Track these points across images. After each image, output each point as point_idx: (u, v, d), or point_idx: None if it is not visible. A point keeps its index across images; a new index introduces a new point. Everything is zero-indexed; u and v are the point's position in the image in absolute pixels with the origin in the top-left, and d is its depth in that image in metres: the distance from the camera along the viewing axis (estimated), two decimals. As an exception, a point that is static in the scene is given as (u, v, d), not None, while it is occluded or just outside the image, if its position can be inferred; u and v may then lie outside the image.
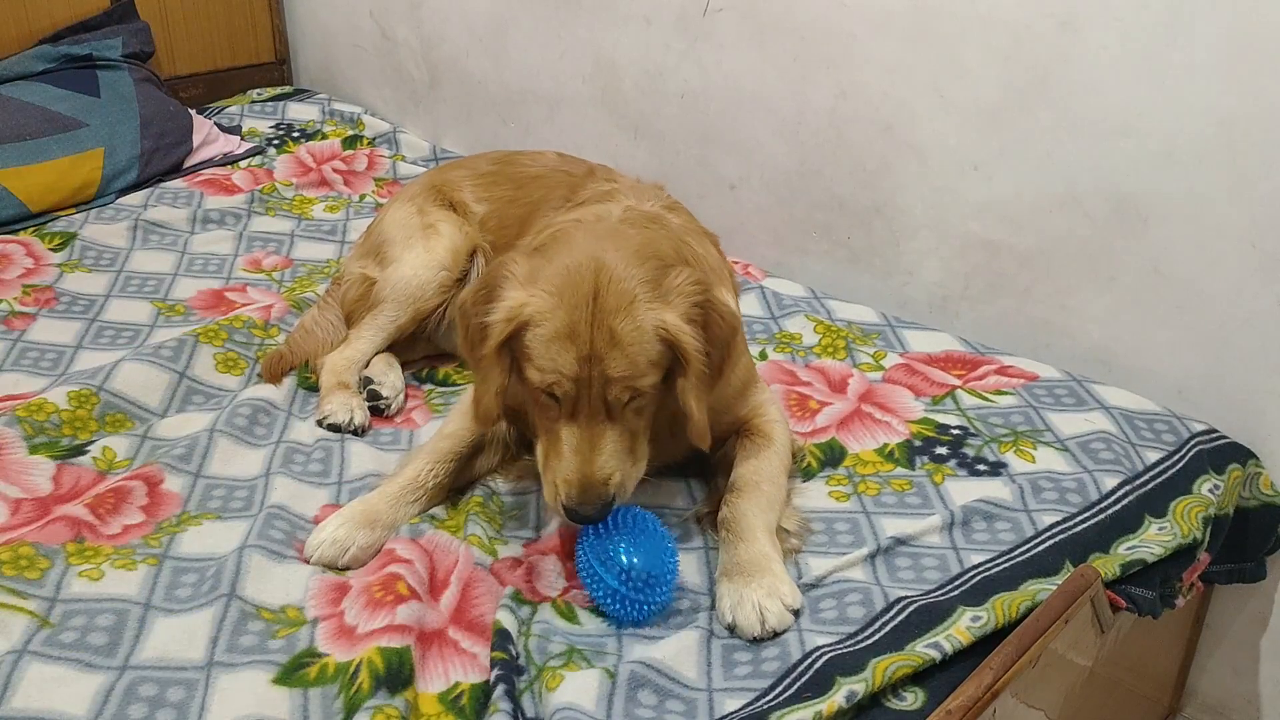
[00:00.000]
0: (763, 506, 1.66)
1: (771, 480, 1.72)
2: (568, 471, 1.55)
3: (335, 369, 2.07)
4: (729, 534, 1.63)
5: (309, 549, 1.62)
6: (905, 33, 2.23)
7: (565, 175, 2.15)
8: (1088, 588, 1.47)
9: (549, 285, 1.56)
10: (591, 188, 2.04)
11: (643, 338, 1.54)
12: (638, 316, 1.54)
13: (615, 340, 1.53)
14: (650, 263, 1.59)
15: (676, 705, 1.39)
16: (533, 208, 2.12)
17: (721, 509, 1.68)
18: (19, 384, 2.06)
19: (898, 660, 1.38)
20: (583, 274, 1.55)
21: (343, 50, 3.54)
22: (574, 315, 1.53)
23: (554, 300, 1.55)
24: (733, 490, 1.70)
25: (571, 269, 1.56)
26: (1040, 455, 1.84)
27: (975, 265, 2.28)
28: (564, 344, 1.54)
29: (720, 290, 1.71)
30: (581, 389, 1.54)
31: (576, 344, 1.53)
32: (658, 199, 1.93)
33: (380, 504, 1.68)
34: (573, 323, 1.53)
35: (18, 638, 1.44)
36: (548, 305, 1.55)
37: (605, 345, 1.53)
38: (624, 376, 1.53)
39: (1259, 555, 1.95)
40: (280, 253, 2.67)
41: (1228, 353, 1.97)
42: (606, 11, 2.74)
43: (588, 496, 1.54)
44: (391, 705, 1.34)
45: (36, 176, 2.73)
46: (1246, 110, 1.84)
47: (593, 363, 1.53)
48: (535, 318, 1.55)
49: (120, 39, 3.09)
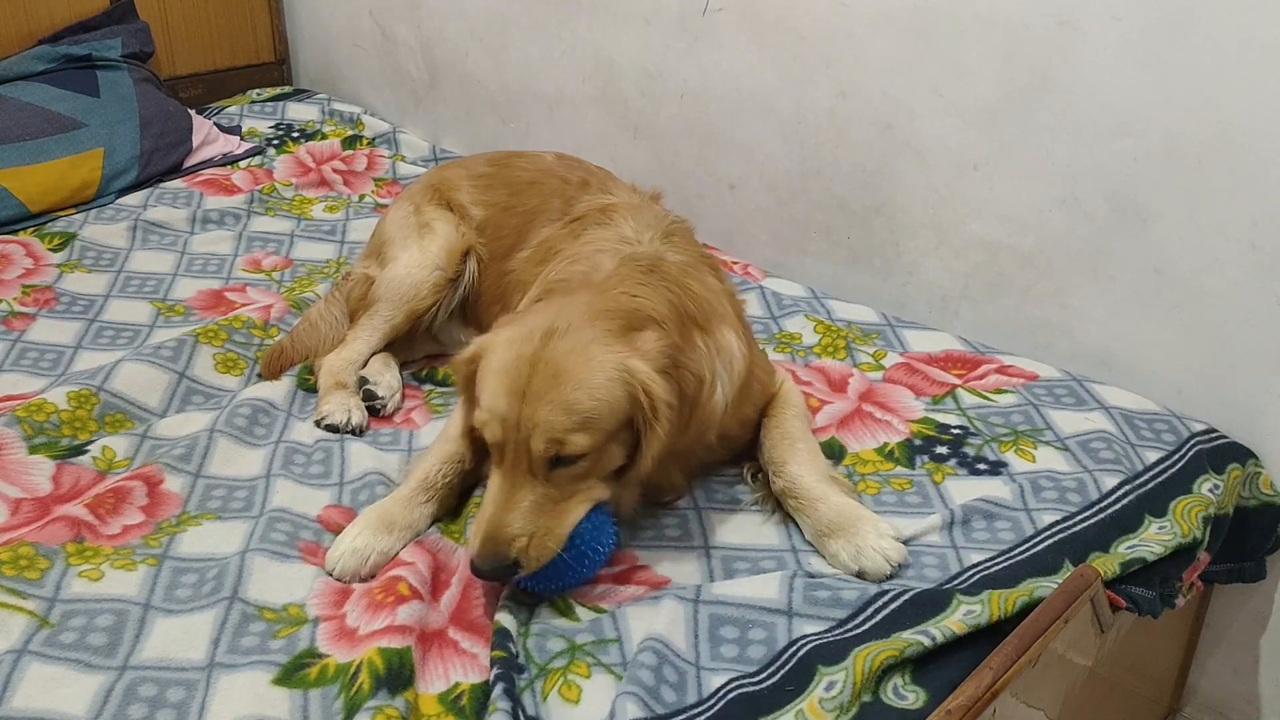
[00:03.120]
0: (810, 464, 1.73)
1: (803, 436, 1.78)
2: (477, 524, 1.49)
3: (332, 369, 2.08)
4: (797, 501, 1.68)
5: (330, 563, 1.60)
6: (905, 33, 2.23)
7: (561, 183, 2.13)
8: (1088, 587, 1.47)
9: (511, 330, 1.53)
10: (588, 200, 2.01)
11: (591, 382, 1.46)
12: (594, 355, 1.47)
13: (558, 379, 1.45)
14: (617, 320, 1.53)
15: (670, 673, 1.41)
16: (529, 217, 2.10)
17: (773, 481, 1.72)
18: (19, 384, 2.06)
19: (880, 647, 1.38)
20: (544, 319, 1.51)
21: (342, 50, 3.54)
22: (520, 350, 1.48)
23: (507, 338, 1.51)
24: (774, 461, 1.74)
25: (536, 317, 1.54)
26: (1040, 454, 1.84)
27: (975, 265, 2.28)
28: (500, 378, 1.47)
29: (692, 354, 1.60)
30: (509, 433, 1.46)
31: (513, 379, 1.46)
32: (657, 222, 1.86)
33: (394, 508, 1.67)
34: (517, 357, 1.47)
35: (17, 638, 1.44)
36: (499, 342, 1.52)
37: (544, 383, 1.45)
38: (552, 424, 1.44)
39: (1259, 555, 1.95)
40: (280, 253, 2.67)
41: (1227, 353, 1.97)
42: (606, 11, 2.74)
43: (485, 553, 1.45)
44: (392, 706, 1.34)
45: (36, 177, 2.73)
46: (1246, 110, 1.84)
47: (525, 401, 1.45)
48: (486, 352, 1.52)
49: (120, 39, 3.09)
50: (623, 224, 1.85)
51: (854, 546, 1.59)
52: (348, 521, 1.70)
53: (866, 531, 1.60)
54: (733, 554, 1.67)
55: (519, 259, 2.04)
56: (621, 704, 1.33)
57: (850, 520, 1.62)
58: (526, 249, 2.04)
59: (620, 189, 2.08)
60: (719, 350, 1.67)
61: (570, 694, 1.39)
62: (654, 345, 1.53)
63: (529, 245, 2.04)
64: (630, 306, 1.59)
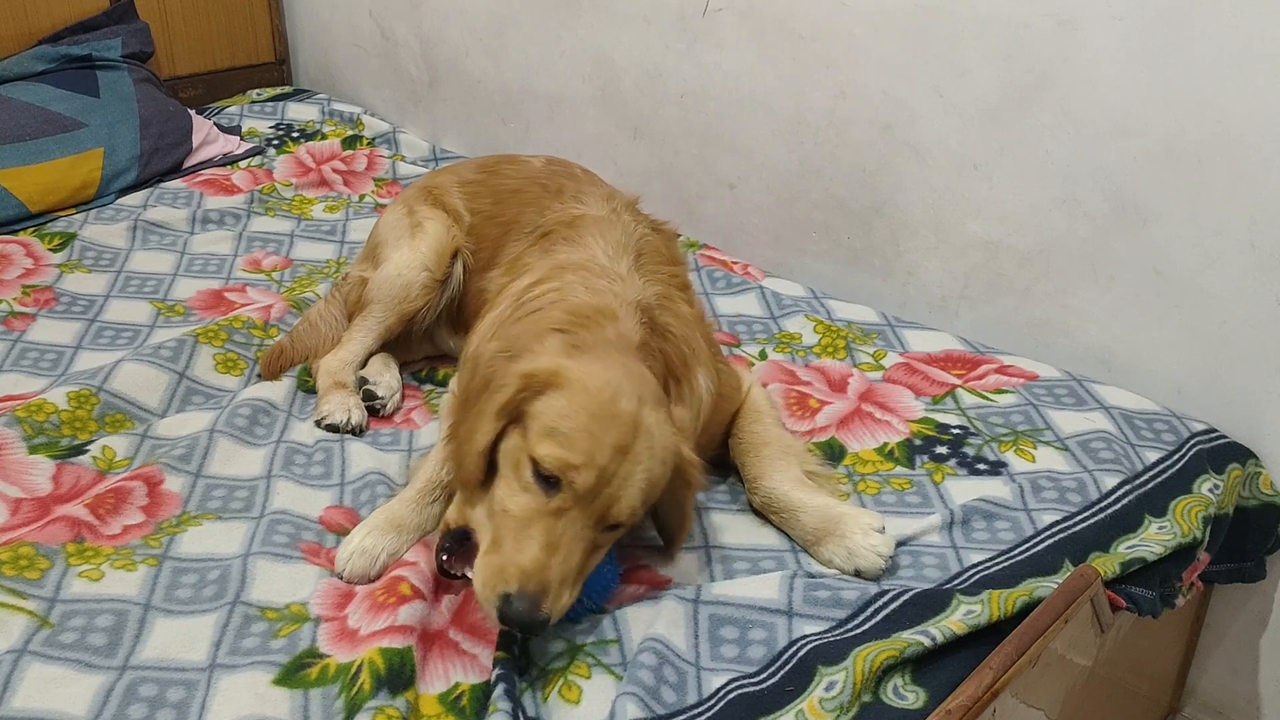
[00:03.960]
0: (782, 471, 1.73)
1: (770, 440, 1.78)
2: (526, 562, 1.38)
3: (331, 370, 2.08)
4: (779, 515, 1.70)
5: (339, 564, 1.59)
6: (905, 33, 2.23)
7: (540, 191, 2.11)
8: (1088, 587, 1.47)
9: (599, 370, 1.46)
10: (557, 211, 1.99)
11: (665, 455, 1.47)
12: (666, 434, 1.48)
13: (652, 451, 1.44)
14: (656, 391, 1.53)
15: (670, 673, 1.41)
16: (506, 228, 2.09)
17: (751, 498, 1.74)
18: (19, 384, 2.06)
19: (880, 647, 1.38)
20: (627, 378, 1.47)
21: (342, 50, 3.54)
22: (621, 405, 1.43)
23: (597, 381, 1.44)
24: (748, 477, 1.76)
25: (617, 367, 1.50)
26: (1040, 454, 1.84)
27: (975, 265, 2.28)
28: (603, 426, 1.41)
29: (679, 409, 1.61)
30: (598, 488, 1.40)
31: (619, 434, 1.41)
32: (626, 239, 1.84)
33: (402, 509, 1.66)
34: (622, 412, 1.42)
35: (17, 638, 1.44)
36: (586, 379, 1.44)
37: (645, 450, 1.43)
38: (634, 495, 1.43)
39: (1259, 555, 1.95)
40: (280, 253, 2.67)
41: (1227, 352, 1.98)
42: (606, 11, 2.74)
43: (530, 594, 1.36)
44: (393, 706, 1.34)
45: (36, 177, 2.73)
46: (1246, 110, 1.84)
47: (626, 462, 1.42)
48: (565, 384, 1.44)
49: (120, 39, 3.09)
50: (592, 243, 1.83)
51: (845, 549, 1.61)
52: (349, 522, 1.70)
53: (853, 532, 1.61)
54: (733, 554, 1.67)
55: (491, 277, 2.03)
56: (622, 704, 1.33)
57: (834, 522, 1.63)
58: (499, 267, 2.03)
59: (593, 198, 2.03)
60: (690, 393, 1.69)
61: (570, 694, 1.39)
62: (685, 421, 1.58)
63: (502, 263, 2.03)
64: (652, 375, 1.59)
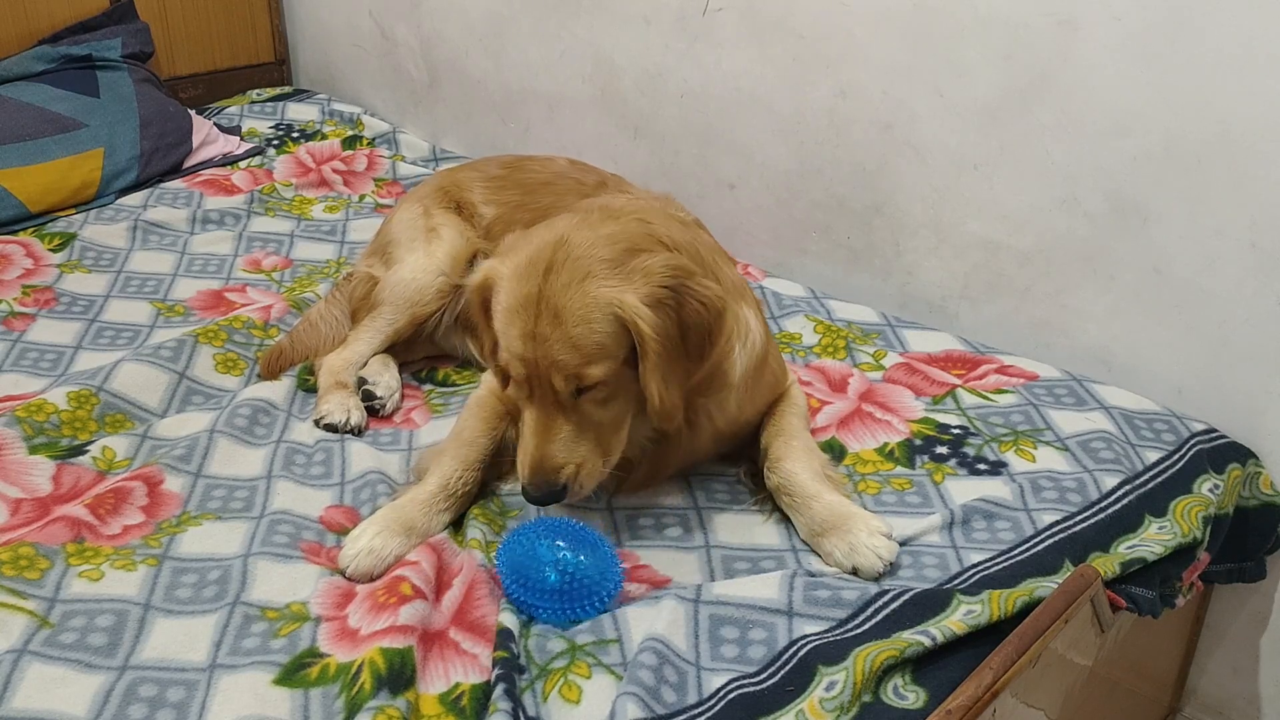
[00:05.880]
0: (805, 461, 1.74)
1: (801, 434, 1.80)
2: (522, 453, 1.57)
3: (332, 369, 2.08)
4: (791, 498, 1.69)
5: (345, 560, 1.59)
6: (905, 33, 2.23)
7: (576, 183, 2.14)
8: (1088, 587, 1.47)
9: (516, 256, 1.56)
10: (604, 199, 2.00)
11: (589, 317, 1.49)
12: (588, 292, 1.49)
13: (559, 319, 1.49)
14: (621, 244, 1.53)
15: (670, 673, 1.41)
16: (541, 214, 2.09)
17: (768, 477, 1.74)
18: (19, 384, 2.06)
19: (880, 647, 1.38)
20: (545, 248, 1.53)
21: (342, 50, 3.54)
22: (526, 287, 1.51)
23: (512, 270, 1.54)
24: (770, 456, 1.75)
25: (539, 243, 1.55)
26: (1040, 454, 1.84)
27: (975, 265, 2.28)
28: (512, 319, 1.53)
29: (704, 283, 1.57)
30: (531, 370, 1.53)
31: (523, 320, 1.51)
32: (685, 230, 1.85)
33: (414, 511, 1.66)
34: (524, 296, 1.51)
35: (17, 638, 1.44)
36: (506, 274, 1.55)
37: (549, 325, 1.50)
38: (565, 362, 1.50)
39: (1259, 555, 1.95)
40: (280, 253, 2.67)
41: (1228, 352, 1.98)
42: (606, 11, 2.74)
43: (536, 480, 1.55)
44: (393, 706, 1.34)
45: (36, 177, 2.73)
46: (1246, 110, 1.84)
47: (538, 343, 1.51)
48: (495, 285, 1.57)
49: (120, 39, 3.09)
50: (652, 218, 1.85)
51: (847, 544, 1.60)
52: (350, 521, 1.70)
53: (859, 529, 1.61)
54: (733, 554, 1.67)
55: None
56: (622, 704, 1.33)
57: (843, 518, 1.63)
58: None
59: (637, 191, 2.09)
60: (736, 321, 1.66)
61: (571, 694, 1.39)
62: (657, 264, 1.53)
63: None
64: (640, 232, 1.59)
